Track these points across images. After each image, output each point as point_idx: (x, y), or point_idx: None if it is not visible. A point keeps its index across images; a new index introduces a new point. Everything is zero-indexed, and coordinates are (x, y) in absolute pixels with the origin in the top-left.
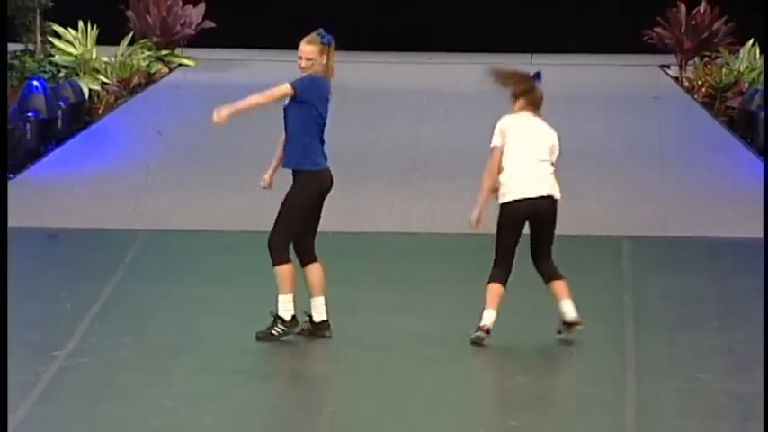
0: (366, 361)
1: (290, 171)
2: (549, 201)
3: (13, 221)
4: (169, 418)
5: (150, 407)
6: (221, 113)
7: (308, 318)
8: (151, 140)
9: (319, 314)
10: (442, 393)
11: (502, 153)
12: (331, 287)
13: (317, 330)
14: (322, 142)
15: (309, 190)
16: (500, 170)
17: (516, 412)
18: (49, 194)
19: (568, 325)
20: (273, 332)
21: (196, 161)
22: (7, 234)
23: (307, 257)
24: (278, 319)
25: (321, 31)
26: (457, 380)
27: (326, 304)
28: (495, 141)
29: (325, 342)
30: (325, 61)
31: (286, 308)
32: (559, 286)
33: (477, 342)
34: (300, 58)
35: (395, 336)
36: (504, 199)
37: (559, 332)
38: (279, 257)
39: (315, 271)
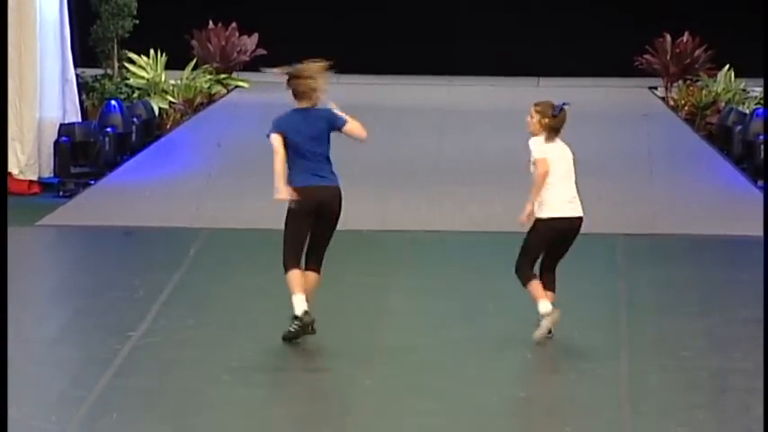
0: (398, 339)
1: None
2: (580, 221)
3: (93, 221)
4: (227, 390)
5: (210, 380)
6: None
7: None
8: (211, 151)
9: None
10: (461, 368)
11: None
12: (368, 276)
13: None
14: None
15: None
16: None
17: (525, 385)
18: (124, 197)
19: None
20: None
21: (250, 168)
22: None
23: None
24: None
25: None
26: (474, 357)
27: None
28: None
29: (363, 322)
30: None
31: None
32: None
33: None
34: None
35: (422, 317)
36: (545, 214)
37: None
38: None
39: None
